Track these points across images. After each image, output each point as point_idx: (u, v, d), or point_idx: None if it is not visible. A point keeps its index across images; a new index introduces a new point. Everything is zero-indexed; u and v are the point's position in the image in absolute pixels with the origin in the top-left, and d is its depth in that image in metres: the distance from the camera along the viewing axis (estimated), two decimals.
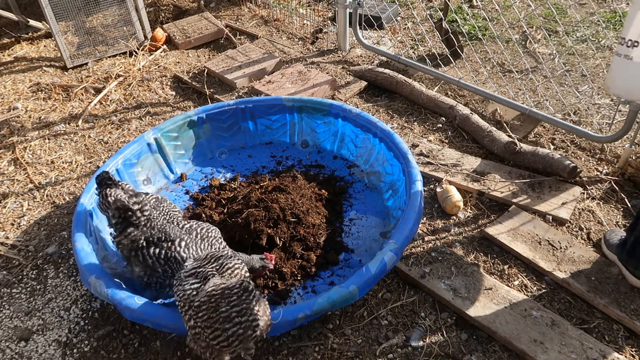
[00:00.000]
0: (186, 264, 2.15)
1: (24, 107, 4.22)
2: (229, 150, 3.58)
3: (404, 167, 2.86)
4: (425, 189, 3.11)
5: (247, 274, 2.07)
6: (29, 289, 2.73)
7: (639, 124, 3.05)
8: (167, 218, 2.41)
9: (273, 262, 2.46)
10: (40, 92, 4.42)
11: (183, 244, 2.29)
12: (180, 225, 2.38)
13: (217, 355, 1.87)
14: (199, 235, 2.34)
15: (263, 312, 1.90)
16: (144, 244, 2.30)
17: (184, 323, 1.94)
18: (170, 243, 2.29)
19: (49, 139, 3.87)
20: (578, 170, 3.04)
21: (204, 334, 1.85)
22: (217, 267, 2.04)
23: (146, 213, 2.38)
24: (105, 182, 2.51)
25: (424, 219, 2.94)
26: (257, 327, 1.84)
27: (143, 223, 2.35)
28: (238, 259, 2.14)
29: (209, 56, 4.90)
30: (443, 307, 2.47)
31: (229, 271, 2.01)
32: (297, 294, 2.56)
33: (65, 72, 4.71)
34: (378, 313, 2.46)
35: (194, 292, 1.92)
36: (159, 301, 2.45)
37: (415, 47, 4.77)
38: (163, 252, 2.27)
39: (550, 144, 3.44)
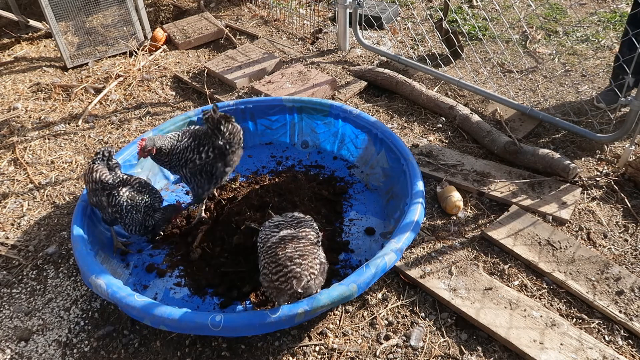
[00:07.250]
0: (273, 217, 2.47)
1: (24, 107, 4.22)
2: None
3: (405, 167, 2.86)
4: (426, 189, 3.11)
5: (317, 233, 2.37)
6: (29, 289, 2.73)
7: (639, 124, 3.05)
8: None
9: None
10: (40, 92, 4.42)
11: None
12: None
13: (276, 295, 2.15)
14: None
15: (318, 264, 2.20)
16: None
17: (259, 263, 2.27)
18: None
19: (49, 139, 3.87)
20: (578, 170, 3.04)
21: (269, 268, 2.15)
22: (294, 224, 2.36)
23: None
24: None
25: (424, 219, 2.94)
26: (313, 270, 2.13)
27: None
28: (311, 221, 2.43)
29: (209, 56, 4.90)
30: (443, 307, 2.47)
31: (301, 227, 2.33)
32: None
33: (65, 72, 4.71)
34: (378, 313, 2.46)
35: (270, 236, 2.28)
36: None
37: (415, 47, 4.77)
38: None
39: (550, 144, 3.44)
